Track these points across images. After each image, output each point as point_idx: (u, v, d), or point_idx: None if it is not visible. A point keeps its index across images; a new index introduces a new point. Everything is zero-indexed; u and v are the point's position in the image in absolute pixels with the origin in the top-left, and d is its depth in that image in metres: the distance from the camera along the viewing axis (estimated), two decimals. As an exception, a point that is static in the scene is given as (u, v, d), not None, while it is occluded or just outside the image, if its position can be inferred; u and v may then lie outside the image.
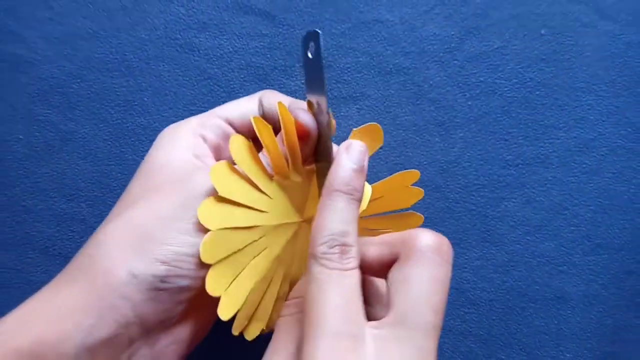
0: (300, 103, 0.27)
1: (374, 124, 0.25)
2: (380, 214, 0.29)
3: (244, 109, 0.28)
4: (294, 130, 0.24)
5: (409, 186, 0.28)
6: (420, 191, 0.28)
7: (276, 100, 0.28)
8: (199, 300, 0.25)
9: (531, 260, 0.35)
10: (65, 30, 0.34)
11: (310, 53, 0.24)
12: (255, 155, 0.24)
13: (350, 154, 0.23)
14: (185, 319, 0.25)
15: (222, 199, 0.24)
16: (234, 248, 0.24)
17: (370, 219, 0.29)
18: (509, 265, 0.35)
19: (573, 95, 0.36)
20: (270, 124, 0.25)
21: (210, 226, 0.23)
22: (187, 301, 0.24)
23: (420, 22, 0.36)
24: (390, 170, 0.34)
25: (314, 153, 0.26)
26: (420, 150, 0.35)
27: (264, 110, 0.28)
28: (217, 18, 0.35)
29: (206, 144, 0.26)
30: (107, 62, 0.35)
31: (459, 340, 0.35)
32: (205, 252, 0.23)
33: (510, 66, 0.36)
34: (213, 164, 0.25)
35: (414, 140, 0.35)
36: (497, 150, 0.36)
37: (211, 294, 0.24)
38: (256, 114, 0.28)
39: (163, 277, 0.22)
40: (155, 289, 0.22)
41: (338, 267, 0.21)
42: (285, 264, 0.26)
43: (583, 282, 0.35)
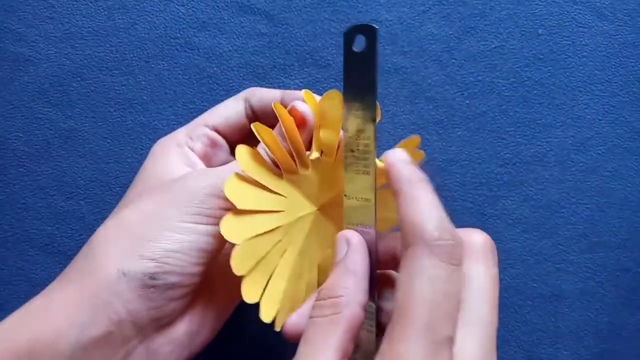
0: (295, 94, 0.28)
1: (415, 137, 0.26)
2: (384, 186, 0.28)
3: (228, 112, 0.29)
4: (294, 127, 0.25)
5: (412, 151, 0.27)
6: (420, 153, 0.28)
7: (263, 96, 0.29)
8: (194, 301, 0.26)
9: (528, 258, 0.36)
10: (66, 28, 0.35)
11: (357, 47, 0.22)
12: (261, 161, 0.25)
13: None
14: (180, 320, 0.25)
15: (240, 211, 0.24)
16: (261, 254, 0.25)
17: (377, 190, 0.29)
18: (506, 263, 0.35)
19: (570, 95, 0.36)
20: (262, 120, 0.25)
21: (236, 240, 0.24)
22: (180, 299, 0.24)
23: (418, 21, 0.36)
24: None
25: (344, 126, 0.25)
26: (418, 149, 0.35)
27: (253, 108, 0.29)
28: (216, 17, 0.35)
29: (194, 154, 0.28)
30: (107, 61, 0.35)
31: (456, 338, 0.35)
32: (237, 266, 0.24)
33: (507, 65, 0.36)
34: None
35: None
36: (494, 149, 0.36)
37: (249, 302, 0.24)
38: (242, 115, 0.29)
39: (152, 274, 0.23)
40: (145, 286, 0.23)
41: (454, 262, 0.20)
42: (309, 254, 0.27)
43: (580, 279, 0.36)
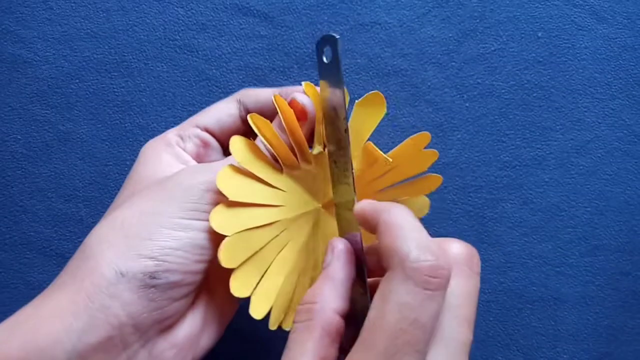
0: (293, 89, 0.27)
1: (375, 93, 0.25)
2: (396, 184, 0.28)
3: (220, 113, 0.28)
4: (295, 120, 0.24)
5: (421, 150, 0.27)
6: (434, 153, 0.27)
7: (257, 97, 0.28)
8: (196, 302, 0.25)
9: (528, 262, 0.35)
10: (64, 30, 0.35)
11: (325, 58, 0.23)
12: (258, 153, 0.24)
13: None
14: (182, 322, 0.24)
15: (233, 203, 0.23)
16: (255, 248, 0.24)
17: (390, 189, 0.28)
18: (506, 267, 0.35)
19: (570, 98, 0.36)
20: None
21: (225, 232, 0.23)
22: (182, 299, 0.23)
23: (418, 24, 0.36)
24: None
25: (326, 138, 0.26)
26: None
27: (248, 109, 0.28)
28: (215, 19, 0.35)
29: (186, 153, 0.27)
30: (105, 63, 0.35)
31: (456, 341, 0.35)
32: (224, 258, 0.23)
33: (507, 68, 0.36)
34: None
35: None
36: (494, 152, 0.36)
37: (238, 296, 0.24)
38: (234, 116, 0.28)
39: (152, 272, 0.22)
40: (146, 286, 0.22)
41: (431, 288, 0.19)
42: (312, 251, 0.26)
43: (580, 283, 0.36)
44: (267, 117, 0.25)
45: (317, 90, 0.26)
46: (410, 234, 0.20)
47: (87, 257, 0.23)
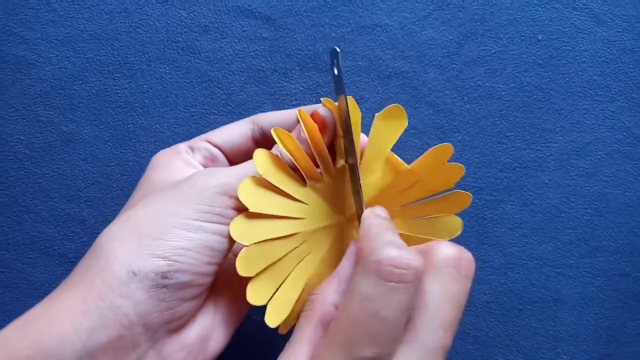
0: (313, 107, 0.28)
1: (395, 105, 0.25)
2: (421, 200, 0.27)
3: (232, 132, 0.29)
4: (318, 133, 0.25)
5: (445, 163, 0.26)
6: (460, 167, 0.26)
7: (272, 117, 0.29)
8: (205, 304, 0.25)
9: (528, 263, 0.36)
10: (68, 32, 0.35)
11: (335, 69, 0.24)
12: (282, 165, 0.24)
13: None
14: (192, 324, 0.24)
15: (254, 214, 0.24)
16: (273, 258, 0.24)
17: (415, 205, 0.28)
18: (506, 268, 0.35)
19: (569, 100, 0.36)
20: (272, 142, 0.25)
21: (244, 242, 0.23)
22: (192, 300, 0.24)
23: (419, 26, 0.36)
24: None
25: (345, 152, 0.26)
26: (418, 153, 0.35)
27: (262, 130, 0.29)
28: (218, 21, 0.35)
29: (196, 162, 0.28)
30: (108, 64, 0.35)
31: (456, 342, 0.35)
32: (242, 267, 0.23)
33: (507, 71, 0.36)
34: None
35: (413, 143, 0.36)
36: (494, 154, 0.36)
37: (254, 304, 0.24)
38: (246, 137, 0.29)
39: (164, 272, 0.22)
40: (157, 286, 0.22)
41: (394, 280, 0.20)
42: (333, 264, 0.26)
43: (580, 284, 0.36)
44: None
45: (335, 105, 0.26)
46: (378, 234, 0.21)
47: (98, 256, 0.23)
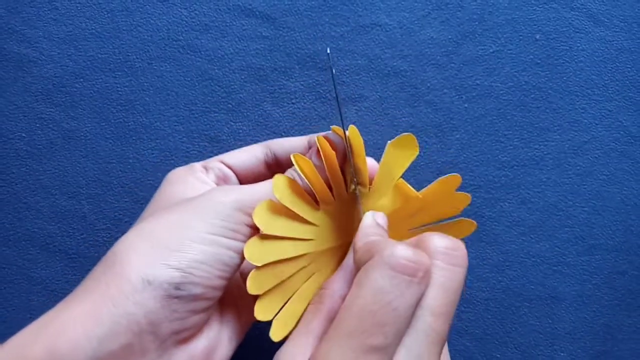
0: (322, 134, 0.29)
1: (407, 135, 0.27)
2: (428, 225, 0.29)
3: (246, 155, 0.30)
4: (335, 160, 0.26)
5: (453, 192, 0.28)
6: (466, 196, 0.28)
7: (286, 143, 0.30)
8: (213, 316, 0.26)
9: (526, 260, 0.36)
10: (69, 30, 0.35)
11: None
12: (297, 189, 0.25)
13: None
14: (199, 335, 0.25)
15: (266, 235, 0.25)
16: (282, 277, 0.25)
17: (421, 229, 0.29)
18: (504, 265, 0.36)
19: (567, 99, 0.37)
20: (284, 167, 0.27)
21: (257, 262, 0.24)
22: (202, 312, 0.24)
23: (417, 26, 0.36)
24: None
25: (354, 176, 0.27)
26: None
27: (275, 155, 0.30)
28: (218, 20, 0.36)
29: (210, 180, 0.29)
30: (109, 62, 0.35)
31: (454, 339, 0.35)
32: (252, 286, 0.24)
33: (505, 70, 0.37)
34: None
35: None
36: (492, 152, 0.36)
37: (261, 319, 0.25)
38: (259, 160, 0.30)
39: (177, 284, 0.22)
40: (170, 297, 0.22)
41: (408, 273, 0.20)
42: None
43: (577, 282, 0.36)
44: (285, 165, 0.27)
45: (344, 132, 0.27)
46: (385, 235, 0.22)
47: (113, 264, 0.23)
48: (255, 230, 0.25)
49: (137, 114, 0.35)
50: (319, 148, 0.26)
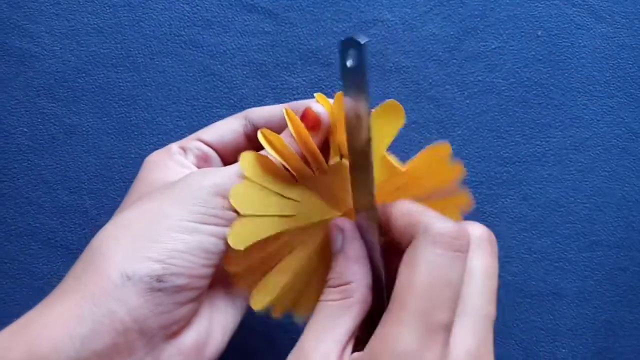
0: (304, 102, 0.27)
1: (391, 101, 0.24)
2: (421, 199, 0.27)
3: (224, 129, 0.29)
4: (305, 131, 0.24)
5: (444, 163, 0.26)
6: (459, 167, 0.26)
7: (263, 113, 0.28)
8: (201, 308, 0.25)
9: (527, 256, 0.36)
10: (71, 25, 0.35)
11: (349, 62, 0.21)
12: (270, 165, 0.24)
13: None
14: (189, 328, 0.24)
15: (246, 216, 0.24)
16: (263, 254, 0.25)
17: None
18: (505, 261, 0.36)
19: (568, 95, 0.37)
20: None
21: (239, 246, 0.24)
22: (188, 303, 0.23)
23: (420, 22, 0.36)
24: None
25: (347, 147, 0.25)
26: (419, 148, 0.36)
27: (254, 125, 0.28)
28: (220, 15, 0.36)
29: (189, 162, 0.28)
30: (111, 57, 0.35)
31: (456, 335, 0.35)
32: (229, 265, 0.25)
33: (507, 66, 0.37)
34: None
35: (413, 137, 0.36)
36: (494, 148, 0.36)
37: (240, 287, 0.25)
38: (238, 133, 0.28)
39: (159, 276, 0.22)
40: (152, 290, 0.22)
41: (456, 249, 0.21)
42: (326, 256, 0.26)
43: (578, 278, 0.36)
44: (275, 132, 0.25)
45: (329, 102, 0.25)
46: (427, 211, 0.22)
47: (92, 260, 0.22)
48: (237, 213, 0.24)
49: (139, 109, 0.35)
50: (287, 120, 0.24)
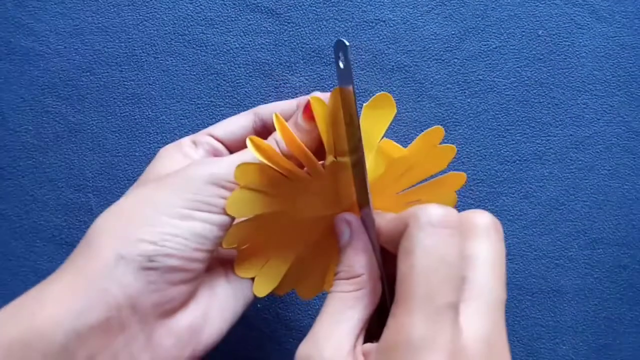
0: (307, 97, 0.28)
1: (382, 94, 0.25)
2: (417, 184, 0.28)
3: (234, 125, 0.29)
4: (294, 137, 0.24)
5: (437, 146, 0.27)
6: (451, 148, 0.27)
7: (274, 108, 0.29)
8: (198, 293, 0.25)
9: (528, 254, 0.36)
10: (76, 24, 0.35)
11: (341, 63, 0.24)
12: (265, 173, 0.25)
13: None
14: (184, 311, 0.24)
15: (247, 190, 0.25)
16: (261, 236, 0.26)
17: (410, 191, 0.28)
18: (506, 259, 0.36)
19: (569, 94, 0.37)
20: (269, 135, 0.26)
21: (237, 215, 0.25)
22: (181, 284, 0.24)
23: (421, 21, 0.37)
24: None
25: (347, 144, 0.26)
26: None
27: (264, 120, 0.29)
28: (224, 15, 0.36)
29: (197, 156, 0.29)
30: (116, 56, 0.35)
31: (457, 332, 0.36)
32: (226, 241, 0.25)
33: (508, 65, 0.37)
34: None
35: (415, 136, 0.36)
36: (495, 147, 0.36)
37: (242, 276, 0.26)
38: (248, 129, 0.29)
39: (151, 256, 0.23)
40: (144, 269, 0.23)
41: (448, 225, 0.21)
42: (327, 249, 0.27)
43: (579, 275, 0.36)
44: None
45: (324, 102, 0.25)
46: (413, 207, 0.22)
47: (88, 244, 0.23)
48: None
49: (143, 107, 0.35)
50: (276, 126, 0.24)
